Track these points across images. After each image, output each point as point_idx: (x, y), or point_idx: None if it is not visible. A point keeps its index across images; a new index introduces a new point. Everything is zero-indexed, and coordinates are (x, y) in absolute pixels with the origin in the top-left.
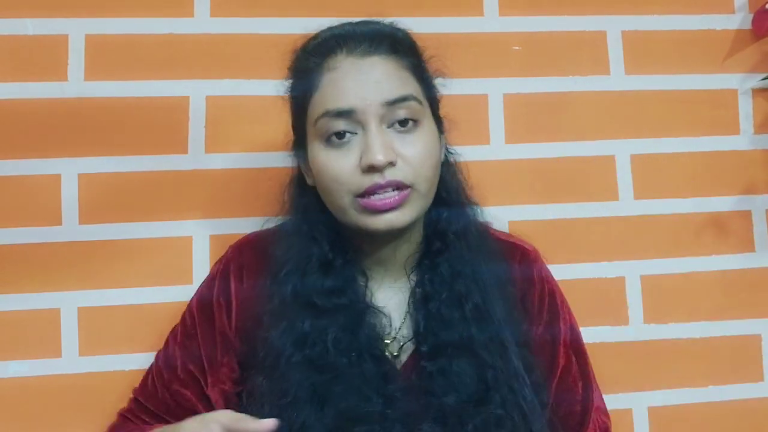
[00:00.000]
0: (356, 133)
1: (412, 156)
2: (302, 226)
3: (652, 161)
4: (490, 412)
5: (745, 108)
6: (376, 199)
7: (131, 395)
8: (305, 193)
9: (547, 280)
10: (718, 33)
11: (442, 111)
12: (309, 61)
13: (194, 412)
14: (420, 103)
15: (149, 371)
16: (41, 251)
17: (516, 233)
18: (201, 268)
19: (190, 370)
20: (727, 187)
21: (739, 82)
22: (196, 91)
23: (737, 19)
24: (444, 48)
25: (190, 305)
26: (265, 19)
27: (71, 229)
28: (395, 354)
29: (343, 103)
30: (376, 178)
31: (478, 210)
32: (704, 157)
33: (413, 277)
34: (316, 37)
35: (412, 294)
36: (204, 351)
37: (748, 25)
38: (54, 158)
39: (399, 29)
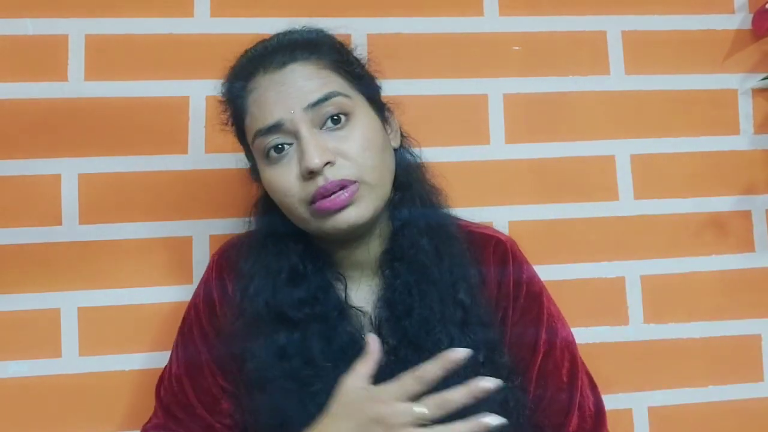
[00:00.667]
0: (292, 144)
1: (349, 150)
2: (268, 242)
3: (652, 161)
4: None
5: (745, 108)
6: (327, 201)
7: (157, 409)
8: (271, 211)
9: (523, 269)
10: (718, 33)
11: (384, 96)
12: (233, 91)
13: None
14: (347, 96)
15: (164, 382)
16: (41, 251)
17: (516, 233)
18: (201, 268)
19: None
20: (727, 187)
21: (739, 82)
22: (196, 91)
23: (737, 19)
24: (444, 48)
25: (187, 311)
26: (265, 19)
27: (71, 229)
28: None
29: (269, 119)
30: (320, 182)
31: (447, 209)
32: (704, 157)
33: (386, 273)
34: (236, 64)
35: (381, 292)
36: (201, 350)
37: (748, 25)
38: (54, 158)
39: (313, 31)
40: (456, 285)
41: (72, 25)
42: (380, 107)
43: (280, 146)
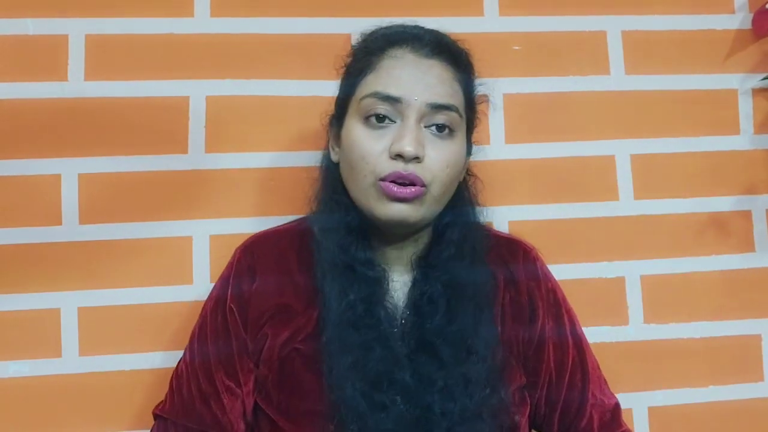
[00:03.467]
0: (395, 122)
1: (436, 159)
2: (332, 217)
3: (652, 161)
4: (433, 417)
5: (745, 108)
6: (394, 186)
7: (157, 415)
8: (333, 173)
9: (548, 277)
10: (718, 33)
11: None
12: (373, 45)
13: (236, 408)
14: (461, 116)
15: (176, 386)
16: (41, 251)
17: (516, 233)
18: (201, 268)
19: (229, 360)
20: (727, 187)
21: (739, 82)
22: (196, 91)
23: (737, 19)
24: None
25: (204, 309)
26: (265, 19)
27: (71, 229)
28: (399, 343)
29: (393, 90)
30: (400, 168)
31: (482, 213)
32: (704, 157)
33: (416, 275)
34: (387, 27)
35: (411, 292)
36: (227, 348)
37: (748, 25)
38: (54, 158)
39: (461, 46)
40: (480, 300)
41: (72, 25)
42: (471, 136)
43: (383, 117)
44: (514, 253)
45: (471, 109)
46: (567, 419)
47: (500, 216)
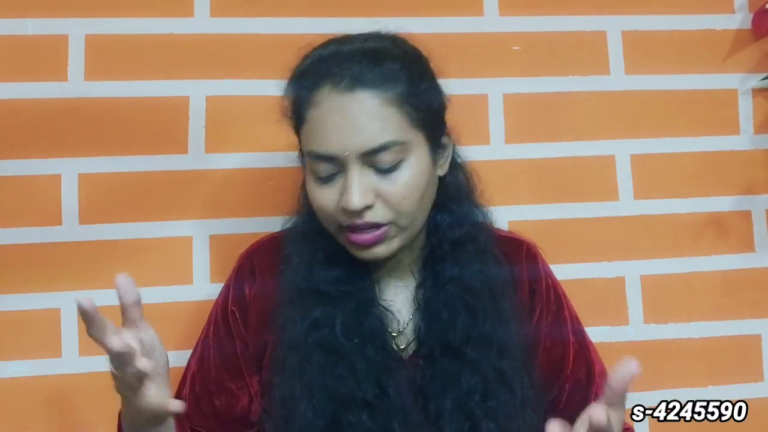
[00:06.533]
0: (341, 172)
1: (390, 195)
2: (311, 223)
3: (652, 161)
4: (478, 417)
5: (745, 108)
6: (358, 236)
7: None
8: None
9: (549, 274)
10: (718, 33)
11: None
12: (298, 90)
13: (231, 407)
14: (403, 144)
15: (181, 384)
16: (41, 251)
17: (516, 233)
18: (201, 268)
19: (230, 362)
20: (727, 187)
21: (739, 82)
22: (196, 91)
23: (737, 19)
24: (444, 48)
25: (210, 315)
26: (264, 19)
27: (71, 229)
28: (402, 347)
29: (323, 149)
30: (355, 219)
31: (486, 211)
32: (704, 157)
33: (418, 277)
34: (305, 59)
35: (416, 295)
36: (231, 351)
37: (748, 25)
38: (54, 158)
39: (394, 44)
40: (483, 299)
41: (72, 25)
42: (438, 137)
43: (326, 174)
44: (517, 250)
45: (424, 114)
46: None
47: (500, 216)
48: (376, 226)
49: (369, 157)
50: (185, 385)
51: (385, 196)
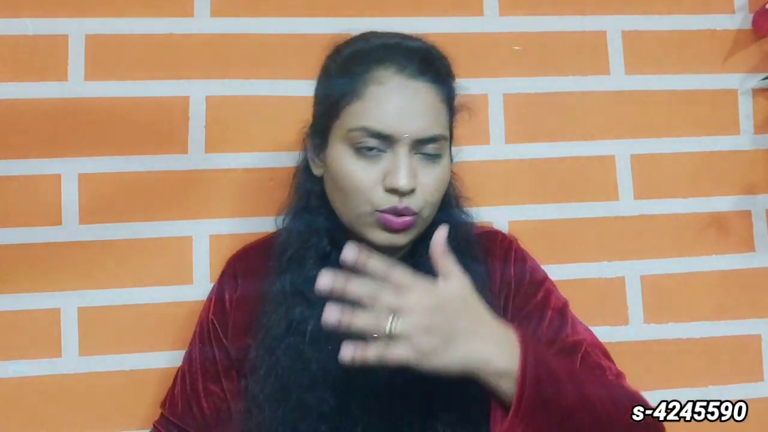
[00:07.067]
0: (385, 152)
1: (427, 185)
2: (305, 215)
3: (652, 161)
4: (445, 420)
5: (745, 108)
6: (392, 217)
7: (160, 409)
8: (311, 182)
9: (526, 259)
10: (718, 33)
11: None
12: (354, 65)
13: (220, 410)
14: (446, 139)
15: (172, 384)
16: (41, 251)
17: (516, 233)
18: (201, 268)
19: (212, 368)
20: (727, 187)
21: (739, 82)
22: (196, 91)
23: (737, 19)
24: (444, 48)
25: (199, 316)
26: (264, 19)
27: (71, 229)
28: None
29: (383, 127)
30: (395, 201)
31: (468, 213)
32: (704, 157)
33: None
34: (364, 38)
35: None
36: (211, 356)
37: (748, 25)
38: (54, 158)
39: (442, 54)
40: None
41: (72, 25)
42: (452, 142)
43: (373, 147)
44: (492, 242)
45: (453, 117)
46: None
47: (500, 216)
48: (409, 213)
49: (420, 145)
50: (176, 384)
51: (423, 185)
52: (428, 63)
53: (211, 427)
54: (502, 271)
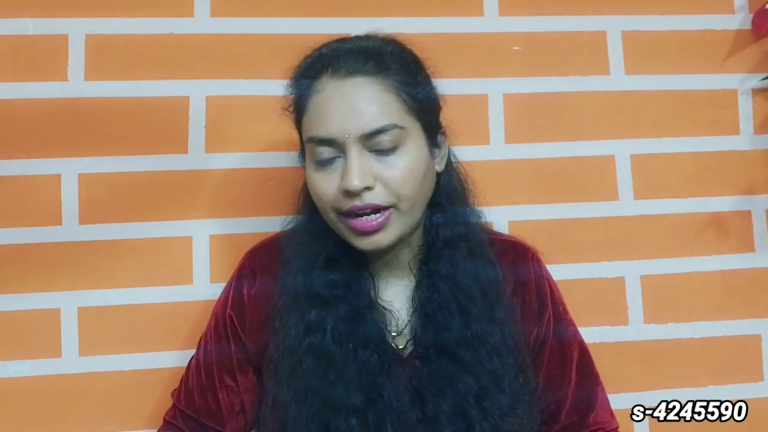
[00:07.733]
0: (341, 156)
1: (390, 178)
2: (311, 224)
3: (652, 161)
4: (473, 419)
5: (745, 108)
6: (359, 222)
7: (172, 401)
8: (312, 207)
9: (547, 278)
10: (718, 33)
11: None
12: (300, 83)
13: (234, 403)
14: (401, 128)
15: (185, 376)
16: (41, 251)
17: (516, 233)
18: (201, 268)
19: (228, 362)
20: (727, 187)
21: (739, 82)
22: (196, 91)
23: (737, 19)
24: (444, 48)
25: (215, 309)
26: (264, 19)
27: (71, 229)
28: (401, 347)
29: (324, 132)
30: (355, 201)
31: (479, 213)
32: (704, 157)
33: (416, 277)
34: (307, 56)
35: (413, 295)
36: (227, 350)
37: (748, 25)
38: (54, 158)
39: (390, 43)
40: (478, 299)
41: (72, 25)
42: (434, 132)
43: (327, 158)
44: (516, 253)
45: (420, 104)
46: (578, 414)
47: (500, 216)
48: (377, 210)
49: (368, 140)
50: (190, 377)
51: (385, 179)
52: (366, 58)
53: (225, 419)
54: (536, 285)
